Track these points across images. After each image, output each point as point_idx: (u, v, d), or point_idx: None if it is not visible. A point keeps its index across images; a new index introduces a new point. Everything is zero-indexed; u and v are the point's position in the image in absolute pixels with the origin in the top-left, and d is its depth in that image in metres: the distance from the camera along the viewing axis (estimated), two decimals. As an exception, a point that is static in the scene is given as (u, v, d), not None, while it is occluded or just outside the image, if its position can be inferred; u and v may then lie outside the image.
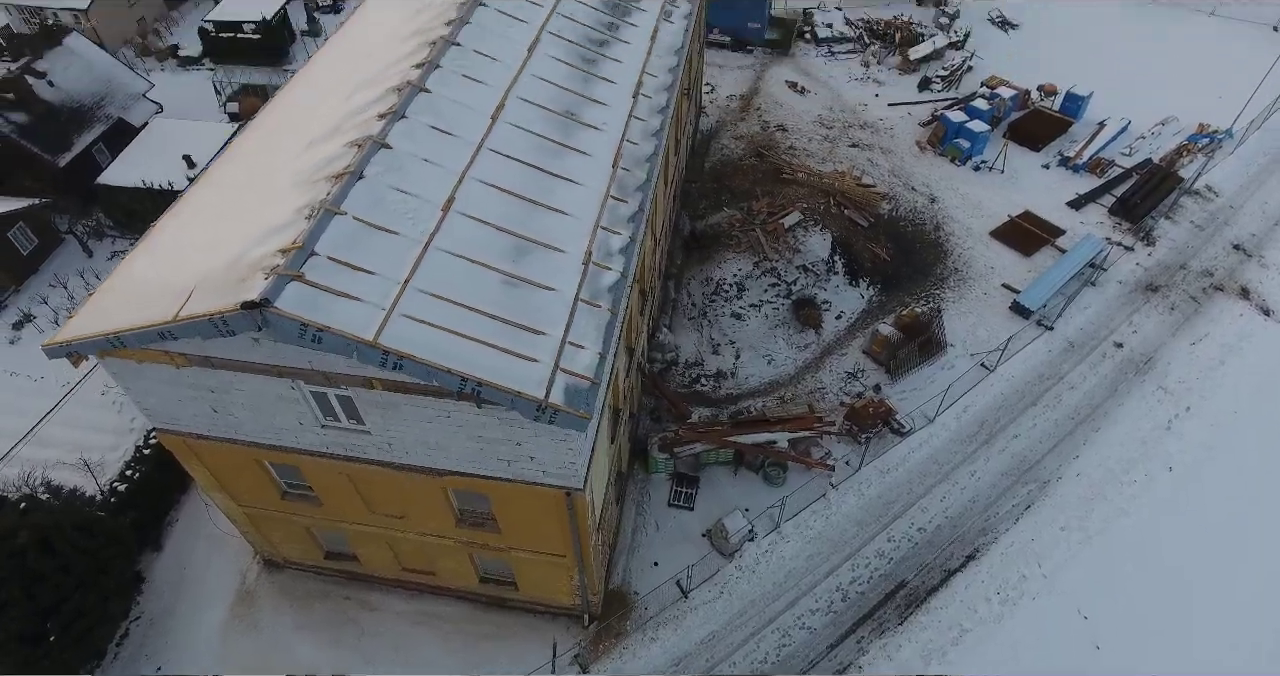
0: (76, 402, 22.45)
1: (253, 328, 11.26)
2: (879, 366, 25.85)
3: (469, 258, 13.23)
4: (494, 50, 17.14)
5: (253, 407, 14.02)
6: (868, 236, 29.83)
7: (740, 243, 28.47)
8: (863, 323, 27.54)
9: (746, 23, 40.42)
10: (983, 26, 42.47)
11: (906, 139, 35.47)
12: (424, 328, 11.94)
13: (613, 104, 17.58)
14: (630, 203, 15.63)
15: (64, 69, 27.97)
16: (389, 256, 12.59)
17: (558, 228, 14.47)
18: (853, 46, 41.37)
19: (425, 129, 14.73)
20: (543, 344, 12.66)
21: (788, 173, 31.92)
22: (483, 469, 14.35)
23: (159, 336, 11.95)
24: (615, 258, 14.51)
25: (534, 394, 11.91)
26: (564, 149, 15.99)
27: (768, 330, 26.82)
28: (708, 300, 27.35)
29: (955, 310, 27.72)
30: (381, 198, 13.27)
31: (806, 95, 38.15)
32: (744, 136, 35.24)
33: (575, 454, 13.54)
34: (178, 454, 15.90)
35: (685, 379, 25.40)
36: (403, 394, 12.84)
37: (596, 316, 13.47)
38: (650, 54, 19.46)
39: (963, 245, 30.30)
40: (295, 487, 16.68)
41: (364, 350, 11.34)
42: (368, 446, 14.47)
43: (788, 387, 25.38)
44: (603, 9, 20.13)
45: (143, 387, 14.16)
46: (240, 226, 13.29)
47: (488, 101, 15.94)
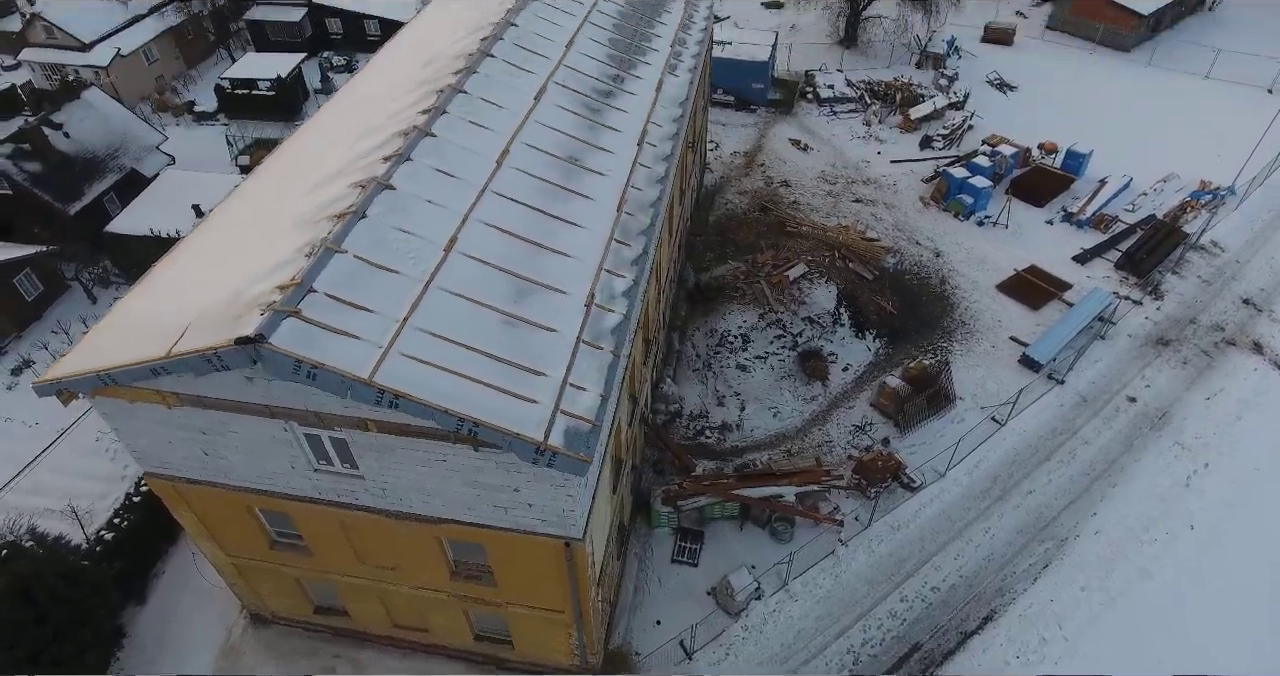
0: (70, 449, 22.11)
1: (247, 364, 11.00)
2: (887, 419, 25.36)
3: (469, 297, 13.05)
4: (501, 99, 17.38)
5: (245, 450, 13.63)
6: (873, 289, 29.73)
7: (745, 294, 28.40)
8: (870, 375, 27.17)
9: (750, 83, 41.40)
10: (981, 88, 43.36)
11: (909, 194, 35.78)
12: (421, 366, 11.66)
13: (617, 151, 17.71)
14: (634, 246, 15.54)
15: (80, 121, 28.60)
16: (388, 295, 12.41)
17: (560, 269, 14.33)
18: (854, 106, 42.20)
19: (430, 171, 14.77)
20: (543, 385, 12.34)
21: (792, 226, 32.11)
22: (479, 516, 13.84)
23: (151, 373, 11.71)
24: (618, 300, 14.32)
25: (532, 436, 11.54)
26: (568, 193, 16.00)
27: (773, 382, 26.46)
28: (712, 352, 27.09)
29: (964, 363, 27.36)
30: (383, 237, 13.19)
31: (809, 152, 38.74)
32: (748, 191, 35.62)
33: (575, 501, 13.05)
34: (167, 500, 15.43)
35: (689, 431, 24.90)
36: (398, 436, 12.46)
37: (598, 358, 13.19)
38: (655, 105, 19.73)
39: (969, 298, 30.15)
40: (285, 536, 16.12)
41: (359, 388, 11.04)
42: (361, 492, 14.00)
43: (794, 440, 24.85)
44: (609, 62, 20.52)
45: (133, 429, 13.82)
46: (239, 265, 13.18)
47: (493, 146, 16.05)
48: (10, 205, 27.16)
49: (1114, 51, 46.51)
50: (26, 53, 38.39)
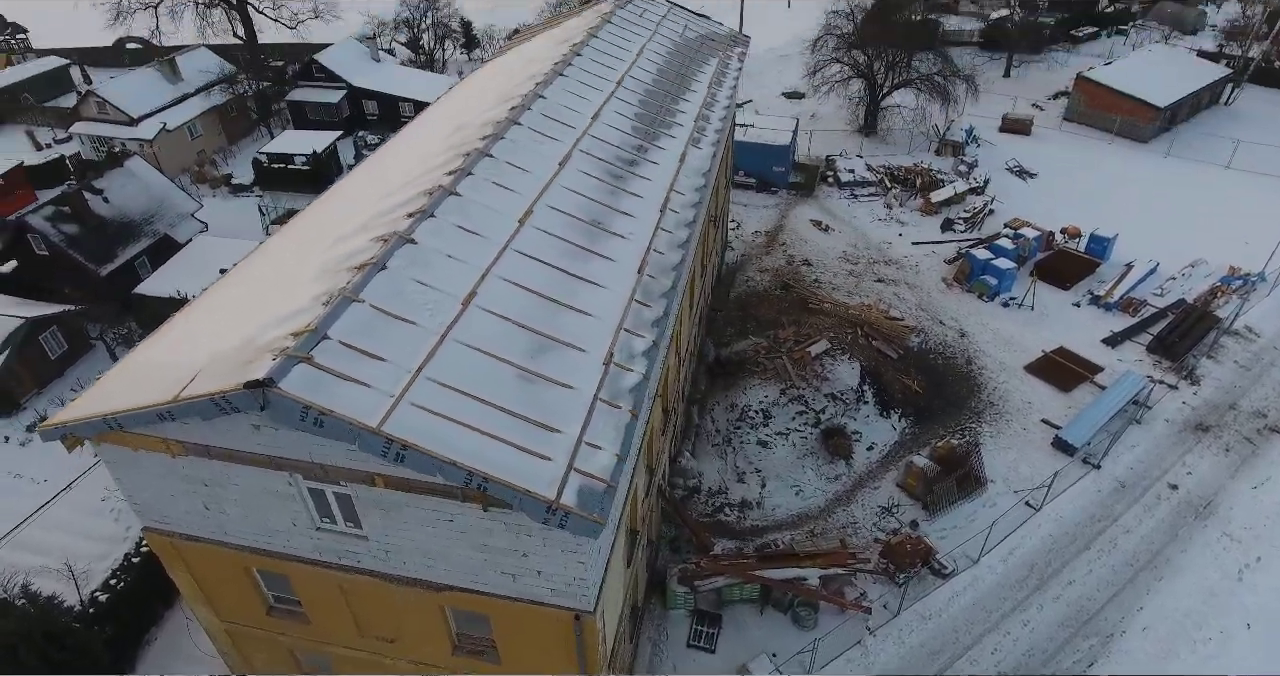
0: (74, 508, 21.70)
1: (255, 408, 10.65)
2: (915, 501, 24.32)
3: (486, 351, 12.74)
4: (526, 163, 17.62)
5: (246, 504, 13.11)
6: (897, 368, 29.19)
7: (766, 369, 27.97)
8: (895, 455, 26.28)
9: (771, 165, 42.28)
10: (1001, 175, 43.95)
11: (932, 275, 35.69)
12: (432, 418, 11.24)
13: (640, 216, 17.74)
14: (654, 307, 15.29)
15: (121, 187, 29.56)
16: (403, 345, 12.15)
17: (579, 327, 14.05)
18: (875, 190, 42.81)
19: (452, 228, 14.79)
20: (557, 442, 11.83)
21: (814, 303, 31.95)
22: (485, 584, 13.07)
23: (158, 418, 11.40)
24: (638, 360, 13.94)
25: (544, 494, 10.95)
26: (590, 254, 15.92)
27: (795, 459, 25.63)
28: (732, 426, 26.44)
29: (994, 445, 26.43)
30: (402, 289, 13.05)
31: (831, 233, 39.05)
32: (769, 269, 35.72)
33: (586, 569, 12.30)
34: (164, 558, 14.81)
35: (708, 507, 23.98)
36: (405, 492, 11.92)
37: (616, 417, 12.70)
38: (679, 174, 19.93)
39: (997, 379, 29.47)
40: (283, 601, 15.33)
41: (367, 437, 10.62)
42: (363, 554, 13.33)
43: (818, 521, 23.81)
44: (634, 134, 20.92)
45: (136, 479, 13.40)
46: (255, 314, 13.06)
47: (516, 207, 16.13)
48: (45, 265, 27.77)
49: (1132, 142, 47.24)
50: (78, 126, 40.36)
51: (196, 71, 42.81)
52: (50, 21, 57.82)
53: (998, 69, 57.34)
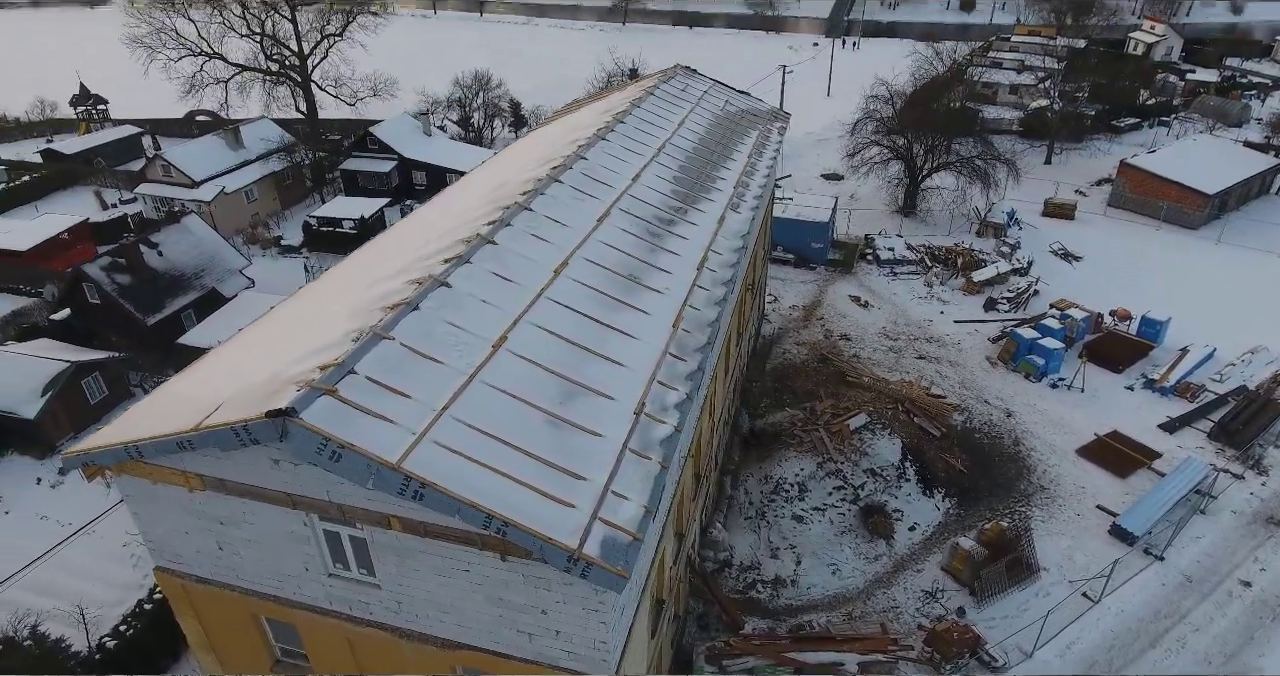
0: (93, 552, 21.47)
1: (275, 439, 10.36)
2: (961, 586, 22.81)
3: (513, 394, 12.40)
4: (564, 217, 17.74)
5: (260, 546, 12.66)
6: (940, 446, 28.05)
7: (802, 442, 27.06)
8: (939, 536, 24.88)
9: (810, 242, 42.36)
10: (1045, 257, 43.39)
11: (975, 354, 34.80)
12: (454, 458, 10.83)
13: (677, 273, 17.60)
14: (689, 362, 14.89)
15: (175, 243, 30.63)
16: (430, 384, 11.88)
17: (610, 377, 13.68)
18: (915, 268, 42.47)
19: (487, 274, 14.75)
20: (582, 490, 11.28)
21: (853, 376, 31.20)
22: (499, 643, 12.27)
23: (178, 446, 11.18)
24: (670, 412, 13.46)
25: (566, 542, 10.34)
26: (624, 306, 15.72)
27: (833, 536, 24.40)
28: (766, 499, 25.41)
29: (1045, 530, 24.91)
30: (432, 329, 12.90)
31: (870, 309, 38.58)
32: (806, 343, 35.20)
33: (608, 631, 11.48)
34: (174, 601, 14.31)
35: (739, 583, 22.75)
36: (421, 537, 11.38)
37: (645, 468, 12.14)
38: (717, 235, 19.89)
39: (1047, 462, 28.11)
40: (289, 656, 14.60)
41: (384, 473, 10.21)
42: (375, 604, 12.69)
43: (856, 603, 22.39)
44: (673, 197, 21.08)
45: (153, 515, 13.10)
46: (286, 350, 12.97)
47: (553, 258, 16.11)
48: (96, 313, 28.56)
49: (1181, 229, 46.53)
50: (143, 187, 42.45)
51: (258, 140, 45.12)
52: (129, 94, 61.97)
53: (1038, 156, 57.62)
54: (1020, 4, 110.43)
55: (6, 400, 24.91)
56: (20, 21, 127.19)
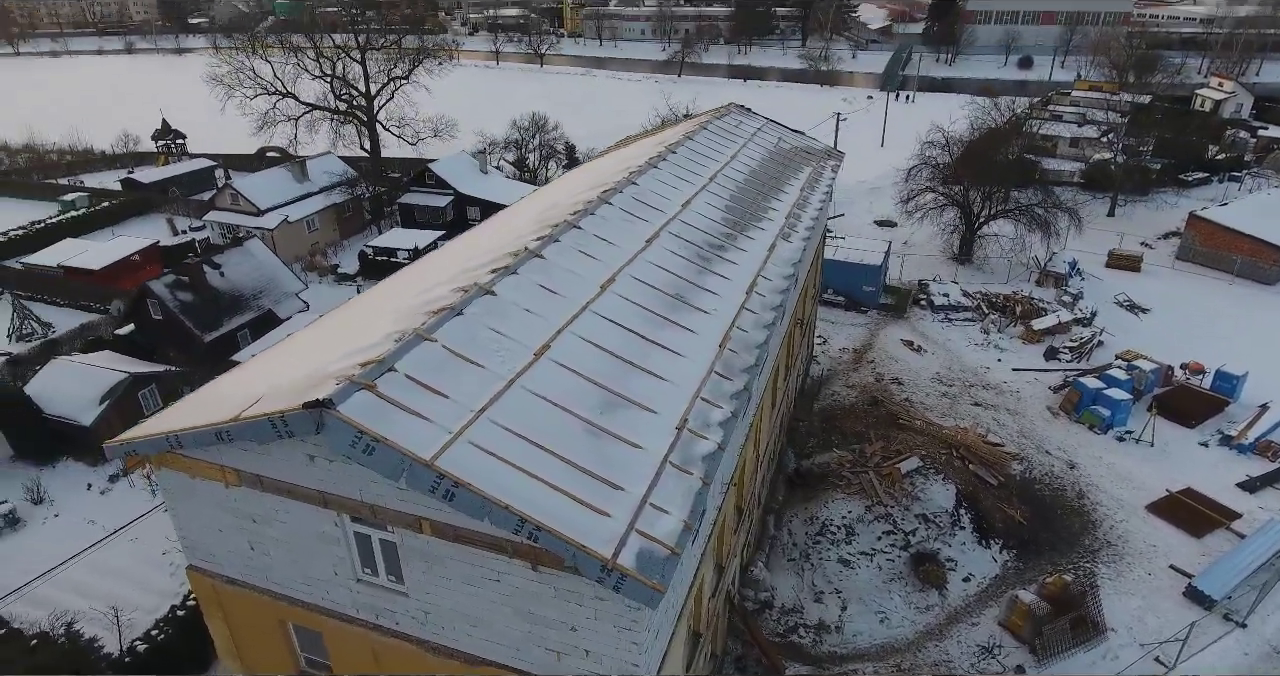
0: (135, 558, 21.63)
1: (311, 431, 10.22)
2: (1021, 644, 21.34)
3: (553, 401, 12.11)
4: (613, 237, 17.67)
5: (291, 547, 12.45)
6: (998, 495, 26.71)
7: (850, 484, 26.08)
8: (996, 590, 23.45)
9: (862, 285, 41.69)
10: (1109, 308, 41.88)
11: (1035, 403, 33.40)
12: (489, 459, 10.52)
13: (725, 295, 17.27)
14: (735, 381, 14.43)
15: (237, 264, 31.60)
16: (469, 386, 11.67)
17: (653, 391, 13.30)
18: (971, 315, 41.35)
19: (533, 286, 14.65)
20: (620, 500, 10.82)
21: (905, 419, 30.14)
22: (527, 662, 11.71)
23: (216, 437, 11.13)
24: (714, 429, 12.97)
25: (601, 551, 9.86)
26: (670, 324, 15.41)
27: (881, 583, 23.19)
28: (811, 541, 24.38)
29: (1113, 589, 23.28)
30: (475, 334, 12.76)
31: (923, 354, 37.54)
32: (856, 385, 34.29)
33: (640, 653, 10.85)
34: (204, 602, 14.15)
35: (780, 626, 21.68)
36: (452, 542, 11.01)
37: (686, 482, 11.63)
38: (767, 262, 19.56)
39: (1114, 517, 26.49)
40: (313, 666, 14.22)
41: (417, 470, 9.94)
42: (401, 614, 12.29)
43: (905, 654, 21.09)
44: (723, 223, 20.90)
45: (189, 511, 13.04)
46: (328, 352, 12.96)
47: (599, 274, 15.96)
48: (158, 329, 29.44)
49: (1256, 283, 44.52)
50: (211, 215, 44.31)
51: (322, 173, 46.87)
52: (206, 131, 65.47)
53: (1100, 207, 56.30)
54: (1083, 62, 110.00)
55: (66, 407, 25.63)
56: (115, 66, 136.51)
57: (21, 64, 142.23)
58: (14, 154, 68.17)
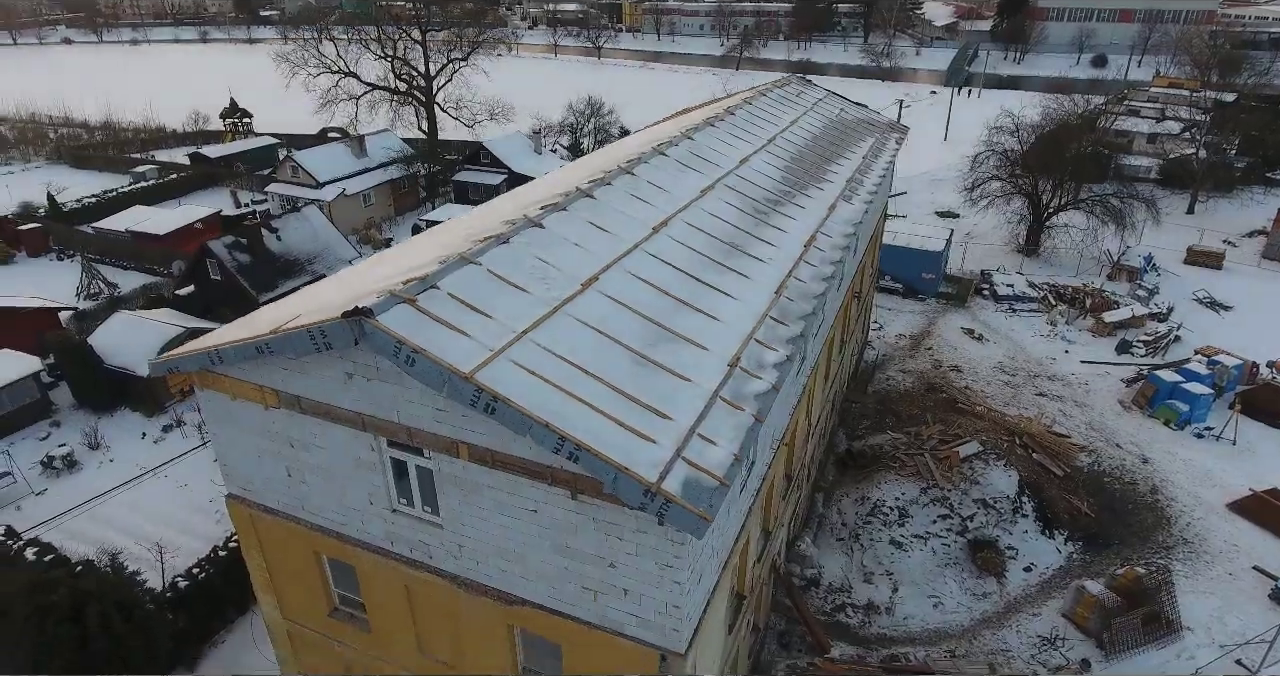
0: (182, 505, 21.89)
1: (349, 342, 9.87)
2: (1087, 637, 20.02)
3: (599, 329, 11.55)
4: (667, 184, 17.07)
5: (327, 474, 12.17)
6: (1063, 486, 25.27)
7: (905, 466, 24.95)
8: (1059, 582, 22.12)
9: (921, 272, 40.26)
10: (1187, 304, 39.63)
11: (1106, 396, 31.66)
12: (531, 378, 10.01)
13: (782, 247, 16.51)
14: (791, 327, 13.67)
15: (294, 229, 31.95)
16: (512, 308, 11.20)
17: (705, 329, 12.64)
18: (1036, 306, 39.57)
19: (582, 222, 14.15)
20: (666, 429, 10.20)
21: (964, 404, 28.82)
22: (562, 601, 11.18)
23: (256, 350, 10.87)
24: (768, 370, 12.24)
25: (644, 475, 9.26)
26: (724, 269, 14.73)
27: (935, 567, 22.08)
28: (862, 522, 23.37)
29: (1190, 587, 21.73)
30: (521, 262, 12.30)
31: (985, 343, 36.00)
32: (913, 371, 33.02)
33: (682, 593, 10.22)
34: (241, 534, 14.01)
35: (826, 605, 20.78)
36: (489, 468, 10.55)
37: (737, 418, 10.94)
38: (827, 220, 18.71)
39: (1191, 514, 24.82)
40: (347, 604, 13.96)
41: (457, 383, 9.48)
42: (435, 547, 11.89)
43: (959, 640, 19.97)
44: (781, 182, 20.11)
45: (229, 436, 12.88)
46: (371, 278, 12.67)
47: (652, 217, 15.38)
48: (216, 289, 29.91)
49: (1353, 285, 41.63)
50: (272, 186, 45.19)
51: (380, 149, 47.40)
52: (271, 112, 67.09)
53: (1179, 204, 53.49)
54: (1162, 60, 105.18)
55: (125, 358, 26.16)
56: (189, 53, 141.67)
57: (104, 51, 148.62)
58: (93, 131, 71.14)
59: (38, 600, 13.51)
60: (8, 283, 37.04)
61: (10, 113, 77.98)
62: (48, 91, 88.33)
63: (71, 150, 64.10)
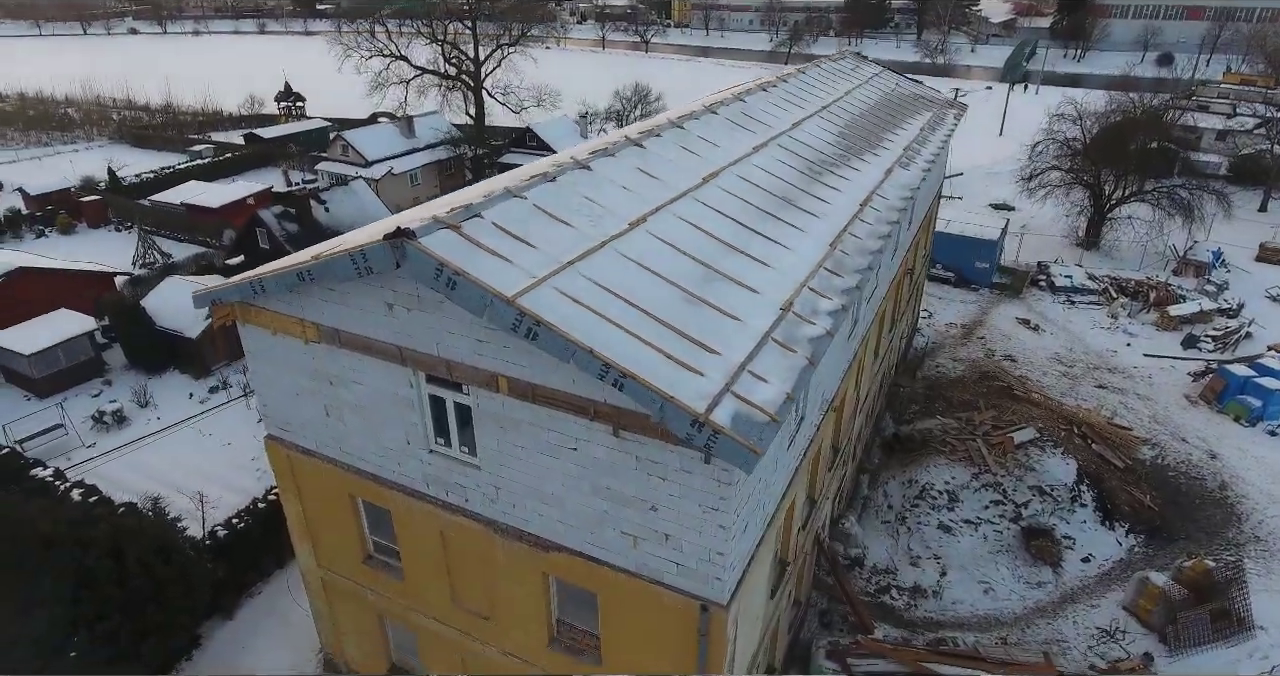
0: (223, 462, 22.07)
1: (390, 265, 9.58)
2: (1148, 631, 18.93)
3: (647, 267, 11.10)
4: (718, 139, 16.56)
5: (365, 413, 11.95)
6: (1125, 478, 24.06)
7: (955, 450, 24.00)
8: (1119, 574, 21.01)
9: (974, 261, 38.96)
10: (1260, 301, 37.69)
11: (1171, 390, 30.18)
12: (575, 306, 9.61)
13: (837, 205, 15.86)
14: (847, 278, 13.05)
15: (341, 201, 32.16)
16: (558, 240, 10.83)
17: (757, 274, 12.12)
18: (1097, 299, 38.00)
19: (631, 168, 13.72)
20: (715, 364, 9.72)
21: (1020, 391, 27.69)
22: (600, 546, 10.77)
23: (298, 277, 10.69)
24: (822, 317, 11.65)
25: (692, 405, 8.79)
26: (777, 220, 14.17)
27: (986, 553, 21.16)
28: (909, 505, 22.53)
29: (1263, 586, 20.41)
30: (568, 199, 11.93)
31: (1041, 333, 34.66)
32: (964, 360, 31.90)
33: (726, 539, 9.73)
34: (279, 476, 13.91)
35: (870, 586, 20.02)
36: (529, 403, 10.18)
37: (790, 359, 10.40)
38: (883, 183, 17.98)
39: (1264, 512, 23.43)
40: (381, 551, 13.75)
41: (499, 306, 9.13)
42: (472, 490, 11.57)
43: (1011, 628, 19.06)
44: (835, 145, 19.43)
45: (269, 375, 12.77)
46: (419, 212, 12.40)
47: (702, 168, 14.88)
48: (264, 258, 30.13)
49: None
50: (322, 164, 45.76)
51: (429, 130, 47.72)
52: (323, 98, 68.19)
53: (1252, 200, 51.10)
54: (1233, 59, 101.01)
55: (176, 320, 26.58)
56: (247, 43, 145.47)
57: (167, 41, 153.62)
58: (153, 113, 73.37)
59: (79, 534, 13.54)
60: (68, 251, 38.07)
61: (77, 96, 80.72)
62: (112, 76, 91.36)
63: (132, 130, 66.15)
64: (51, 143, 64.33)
